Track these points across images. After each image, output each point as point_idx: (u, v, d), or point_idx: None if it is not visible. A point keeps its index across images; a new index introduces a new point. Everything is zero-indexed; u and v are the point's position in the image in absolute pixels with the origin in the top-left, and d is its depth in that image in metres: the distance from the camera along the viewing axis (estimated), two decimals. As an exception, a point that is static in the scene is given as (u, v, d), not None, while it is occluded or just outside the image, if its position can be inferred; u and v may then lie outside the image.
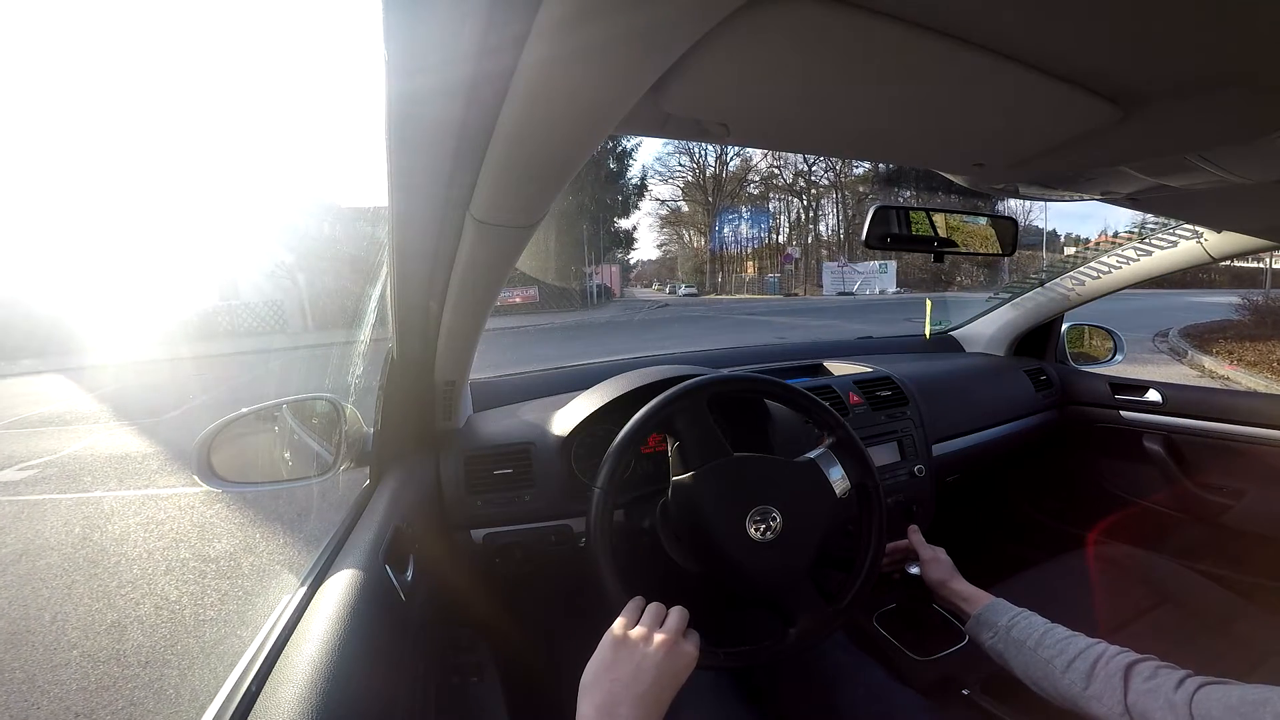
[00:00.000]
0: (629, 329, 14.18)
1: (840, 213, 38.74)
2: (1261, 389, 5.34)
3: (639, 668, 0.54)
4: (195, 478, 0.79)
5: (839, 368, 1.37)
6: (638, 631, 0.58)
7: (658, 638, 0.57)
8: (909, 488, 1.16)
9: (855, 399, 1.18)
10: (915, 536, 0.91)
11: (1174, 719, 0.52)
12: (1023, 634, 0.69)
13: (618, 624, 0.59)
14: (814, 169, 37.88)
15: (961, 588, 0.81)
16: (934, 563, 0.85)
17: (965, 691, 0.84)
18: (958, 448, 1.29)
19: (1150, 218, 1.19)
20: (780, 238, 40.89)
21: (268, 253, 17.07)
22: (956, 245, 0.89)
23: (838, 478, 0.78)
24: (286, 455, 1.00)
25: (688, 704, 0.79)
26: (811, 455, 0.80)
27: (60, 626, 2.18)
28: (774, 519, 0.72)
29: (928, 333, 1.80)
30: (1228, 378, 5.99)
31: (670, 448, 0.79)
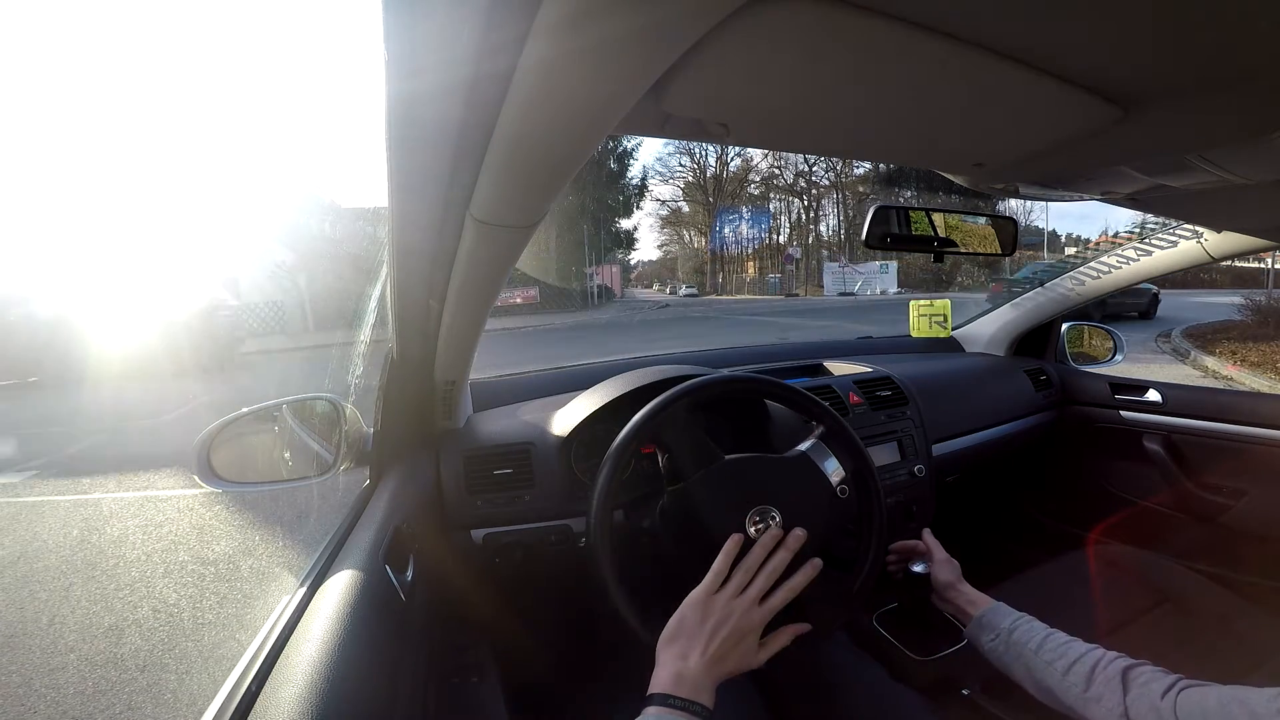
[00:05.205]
0: (630, 329, 14.17)
1: (841, 213, 38.79)
2: (1264, 390, 5.34)
3: (716, 623, 0.59)
4: (195, 478, 0.79)
5: (839, 368, 1.37)
6: (720, 590, 0.62)
7: (737, 600, 0.61)
8: (909, 488, 1.16)
9: (855, 399, 1.18)
10: (929, 537, 0.91)
11: None
12: (1024, 637, 0.69)
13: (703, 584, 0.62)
14: (814, 169, 37.97)
15: (968, 591, 0.81)
16: (946, 564, 0.86)
17: (965, 691, 0.84)
18: (958, 448, 1.29)
19: (1150, 218, 1.19)
20: (781, 238, 40.98)
21: (269, 253, 17.07)
22: (956, 245, 0.89)
23: (833, 470, 0.78)
24: (286, 455, 1.00)
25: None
26: (802, 448, 0.79)
27: (57, 629, 2.17)
28: (774, 517, 0.71)
29: (912, 332, 1.81)
30: (1230, 378, 5.98)
31: (661, 461, 0.79)
